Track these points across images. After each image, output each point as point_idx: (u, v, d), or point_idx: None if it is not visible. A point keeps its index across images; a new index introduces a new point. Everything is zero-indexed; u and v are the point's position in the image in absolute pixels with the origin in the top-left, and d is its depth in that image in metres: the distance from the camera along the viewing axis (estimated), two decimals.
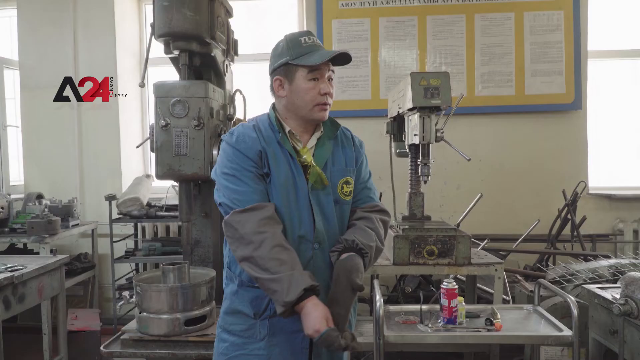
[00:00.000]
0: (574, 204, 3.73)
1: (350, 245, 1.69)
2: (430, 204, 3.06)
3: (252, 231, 1.56)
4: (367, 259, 1.68)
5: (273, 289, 1.52)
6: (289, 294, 1.49)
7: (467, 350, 2.94)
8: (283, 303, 1.50)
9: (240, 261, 1.62)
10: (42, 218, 3.76)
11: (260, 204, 1.61)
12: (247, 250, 1.57)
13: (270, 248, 1.54)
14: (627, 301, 1.83)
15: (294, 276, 1.52)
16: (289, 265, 1.53)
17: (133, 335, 2.51)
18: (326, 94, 1.71)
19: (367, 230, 1.74)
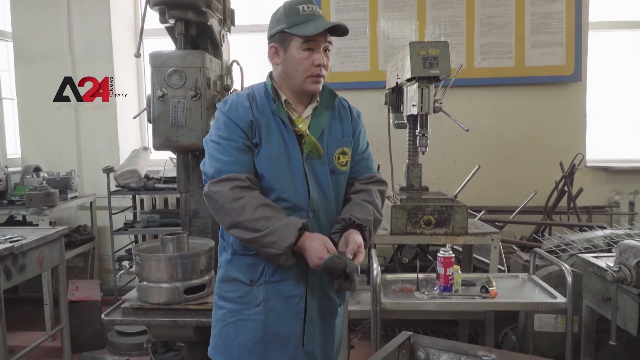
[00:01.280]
0: (571, 176, 3.74)
1: (349, 223, 1.71)
2: (428, 176, 3.07)
3: (230, 199, 1.58)
4: (367, 233, 1.70)
5: (270, 241, 1.56)
6: (286, 239, 1.54)
7: (462, 318, 2.99)
8: (283, 249, 1.55)
9: (228, 229, 1.64)
10: (41, 190, 3.77)
11: (234, 175, 1.61)
12: (232, 218, 1.59)
13: (254, 210, 1.57)
14: (621, 268, 1.85)
15: (286, 223, 1.57)
16: (276, 218, 1.58)
17: (133, 304, 2.54)
18: (320, 65, 1.69)
19: (364, 204, 1.76)
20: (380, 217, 1.80)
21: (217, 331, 1.80)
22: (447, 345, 1.67)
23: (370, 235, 1.73)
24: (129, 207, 4.38)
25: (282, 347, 1.73)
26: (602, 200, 4.32)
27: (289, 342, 1.73)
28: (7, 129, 4.88)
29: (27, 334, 3.72)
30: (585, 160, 4.20)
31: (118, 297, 2.73)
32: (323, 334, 1.79)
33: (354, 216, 1.71)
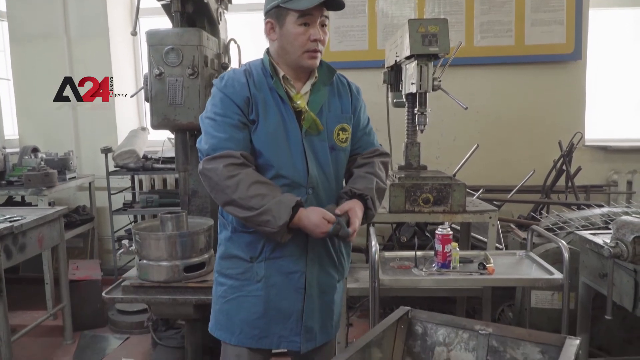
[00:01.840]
0: (569, 155, 3.74)
1: (350, 195, 1.73)
2: (426, 155, 3.07)
3: (224, 177, 1.58)
4: (370, 202, 1.71)
5: (264, 219, 1.57)
6: (280, 217, 1.55)
7: (460, 295, 3.02)
8: (278, 228, 1.56)
9: (223, 207, 1.65)
10: (39, 171, 3.76)
11: (228, 152, 1.61)
12: (226, 196, 1.60)
13: (248, 187, 1.57)
14: (618, 244, 1.86)
15: (279, 201, 1.58)
16: (270, 196, 1.58)
17: (134, 282, 2.56)
18: (316, 40, 1.67)
19: (365, 176, 1.77)
20: (384, 187, 1.81)
21: (218, 307, 1.82)
22: (445, 319, 1.69)
23: (374, 204, 1.74)
24: (128, 188, 4.38)
25: (283, 322, 1.75)
26: (600, 179, 4.32)
27: (290, 317, 1.75)
28: (3, 109, 4.85)
29: (28, 313, 3.75)
30: (584, 140, 4.19)
31: (118, 277, 2.75)
32: (322, 310, 1.81)
33: (354, 187, 1.73)
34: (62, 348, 3.32)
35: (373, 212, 1.75)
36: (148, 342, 3.33)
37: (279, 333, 1.76)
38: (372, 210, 1.74)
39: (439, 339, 1.68)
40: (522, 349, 1.54)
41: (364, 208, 1.72)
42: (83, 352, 3.23)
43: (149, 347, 3.27)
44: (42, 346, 3.34)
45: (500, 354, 1.57)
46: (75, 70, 4.53)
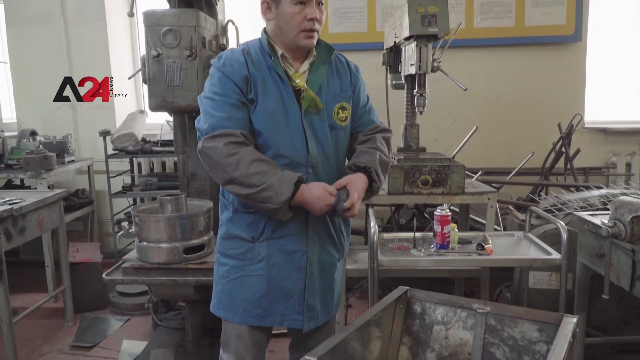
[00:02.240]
0: (569, 137, 3.74)
1: (354, 169, 1.74)
2: (425, 138, 3.06)
3: (224, 155, 1.58)
4: (374, 174, 1.72)
5: (266, 196, 1.56)
6: (283, 193, 1.55)
7: (458, 276, 3.04)
8: (280, 204, 1.56)
9: (224, 185, 1.65)
10: (37, 154, 3.76)
11: (228, 131, 1.60)
12: (227, 174, 1.59)
13: (248, 165, 1.57)
14: (616, 224, 1.87)
15: (281, 177, 1.58)
16: (271, 173, 1.58)
17: (134, 264, 2.57)
18: (313, 20, 1.65)
19: (368, 150, 1.78)
20: (387, 160, 1.81)
21: (220, 287, 1.83)
22: (443, 299, 1.71)
23: (378, 176, 1.74)
24: (127, 171, 4.38)
25: (285, 300, 1.77)
26: (599, 161, 4.33)
27: (292, 295, 1.76)
28: (1, 93, 4.82)
29: (29, 296, 3.78)
30: (583, 122, 4.19)
31: (118, 259, 2.77)
32: (323, 288, 1.82)
33: (357, 161, 1.73)
34: (63, 329, 3.35)
35: (378, 184, 1.75)
36: (149, 323, 3.36)
37: (282, 312, 1.77)
38: (377, 182, 1.74)
39: (437, 318, 1.69)
40: (520, 327, 1.56)
41: (369, 181, 1.72)
42: (84, 334, 3.26)
43: (150, 328, 3.30)
44: (44, 328, 3.36)
45: (498, 332, 1.59)
46: (73, 53, 4.50)
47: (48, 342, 3.17)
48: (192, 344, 2.88)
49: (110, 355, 3.00)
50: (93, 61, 4.49)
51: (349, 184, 1.68)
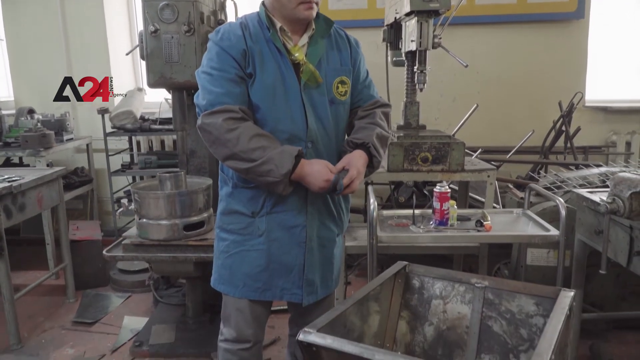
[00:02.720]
0: (569, 115, 3.72)
1: (352, 146, 1.73)
2: (425, 116, 3.05)
3: (224, 131, 1.57)
4: (372, 149, 1.71)
5: (266, 169, 1.56)
6: (283, 166, 1.55)
7: (457, 253, 3.06)
8: (281, 177, 1.56)
9: (224, 161, 1.64)
10: (36, 132, 3.74)
11: (227, 107, 1.59)
12: (227, 150, 1.59)
13: (248, 140, 1.56)
14: (615, 200, 1.87)
15: (282, 151, 1.58)
16: (272, 147, 1.58)
17: (134, 240, 2.59)
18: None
19: (366, 126, 1.77)
20: (386, 134, 1.81)
21: (220, 262, 1.84)
22: (442, 273, 1.72)
23: (377, 151, 1.74)
24: (126, 149, 4.36)
25: (285, 275, 1.78)
26: (599, 140, 4.32)
27: (291, 270, 1.77)
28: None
29: (30, 273, 3.80)
30: (584, 100, 4.17)
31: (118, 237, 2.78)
32: (322, 263, 1.83)
33: (355, 138, 1.73)
34: (65, 306, 3.38)
35: (378, 158, 1.75)
36: (149, 300, 3.38)
37: (282, 286, 1.79)
38: (377, 157, 1.74)
39: (435, 293, 1.71)
40: (517, 301, 1.57)
41: (369, 156, 1.72)
42: (86, 310, 3.29)
43: (151, 305, 3.33)
44: (45, 304, 3.39)
45: (495, 306, 1.60)
46: (69, 30, 4.45)
47: (50, 319, 3.20)
48: (193, 319, 2.91)
49: (112, 331, 3.03)
50: (90, 38, 4.45)
51: (349, 163, 1.67)
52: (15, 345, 2.84)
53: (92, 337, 2.97)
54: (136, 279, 3.59)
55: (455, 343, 1.66)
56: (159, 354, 2.70)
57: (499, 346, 1.58)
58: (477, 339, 1.61)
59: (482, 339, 1.61)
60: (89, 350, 2.82)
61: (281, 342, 2.86)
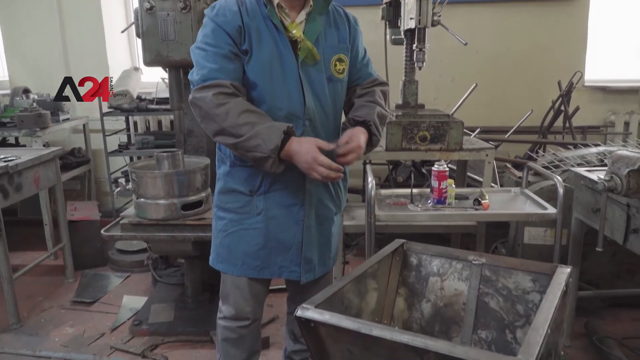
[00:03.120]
0: (568, 94, 3.71)
1: (352, 124, 1.73)
2: (424, 96, 3.03)
3: (213, 105, 1.55)
4: (372, 127, 1.71)
5: (254, 144, 1.53)
6: (271, 140, 1.52)
7: (454, 232, 3.07)
8: (269, 152, 1.53)
9: (213, 137, 1.62)
10: (31, 112, 3.71)
11: (218, 82, 1.57)
12: (216, 124, 1.57)
13: (237, 115, 1.54)
14: (612, 177, 1.87)
15: (271, 126, 1.55)
16: (261, 123, 1.55)
17: (132, 220, 2.58)
18: None
19: (366, 104, 1.77)
20: (385, 113, 1.81)
21: (218, 241, 1.84)
22: (439, 251, 1.73)
23: (377, 129, 1.74)
24: (123, 130, 4.34)
25: (283, 253, 1.78)
26: (597, 120, 4.31)
27: (289, 248, 1.78)
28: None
29: (29, 254, 3.80)
30: (583, 80, 4.15)
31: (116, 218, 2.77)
32: (320, 241, 1.83)
33: (356, 116, 1.73)
34: (64, 286, 3.39)
35: (378, 137, 1.75)
36: (148, 280, 3.40)
37: (280, 264, 1.79)
38: (376, 135, 1.73)
39: (433, 270, 1.72)
40: (514, 278, 1.58)
41: (369, 134, 1.72)
42: (85, 290, 3.30)
43: (149, 284, 3.35)
44: (44, 284, 3.40)
45: (492, 283, 1.61)
46: (64, 8, 4.39)
47: (49, 298, 3.21)
48: (192, 299, 2.93)
49: (111, 310, 3.05)
50: (85, 16, 4.39)
51: (351, 137, 1.65)
52: (15, 324, 2.86)
53: (91, 316, 2.99)
54: (135, 259, 3.60)
55: (452, 319, 1.67)
56: (159, 332, 2.72)
57: (495, 322, 1.59)
58: (473, 315, 1.63)
59: (479, 315, 1.62)
60: (88, 329, 2.84)
61: (280, 320, 2.88)
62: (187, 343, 2.67)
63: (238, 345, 1.92)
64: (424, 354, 1.11)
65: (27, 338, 2.76)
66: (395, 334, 1.14)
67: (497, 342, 1.58)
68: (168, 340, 2.68)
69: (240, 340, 1.91)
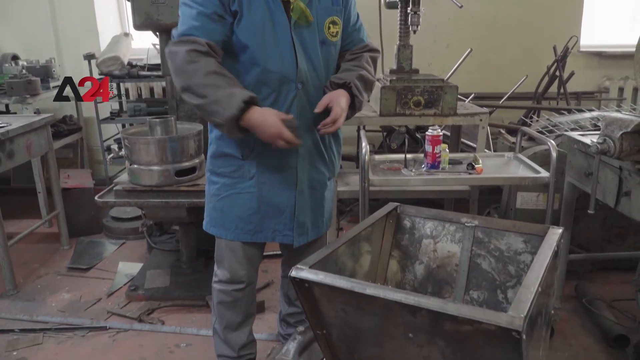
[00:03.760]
0: (563, 59, 3.68)
1: (334, 86, 1.72)
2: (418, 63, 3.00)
3: (185, 61, 1.54)
4: (354, 89, 1.69)
5: (213, 109, 1.53)
6: (229, 109, 1.51)
7: (448, 197, 3.09)
8: (225, 120, 1.53)
9: (181, 93, 1.62)
10: (21, 78, 3.65)
11: (194, 38, 1.56)
12: (183, 81, 1.56)
13: (204, 76, 1.53)
14: (605, 140, 1.87)
15: (232, 94, 1.53)
16: (224, 88, 1.54)
17: (126, 186, 2.58)
18: None
19: (350, 68, 1.76)
20: (371, 78, 1.79)
21: (212, 205, 1.84)
22: (433, 213, 1.73)
23: (359, 91, 1.71)
24: (114, 97, 4.28)
25: (276, 216, 1.79)
26: (592, 86, 4.30)
27: (282, 212, 1.79)
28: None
29: (23, 222, 3.79)
30: (578, 45, 4.12)
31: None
32: (313, 205, 1.84)
33: (337, 77, 1.71)
34: (60, 253, 3.41)
35: (360, 99, 1.73)
36: (143, 247, 3.42)
37: (273, 227, 1.80)
38: (358, 97, 1.71)
39: (426, 232, 1.73)
40: (506, 239, 1.59)
41: (351, 96, 1.70)
42: (80, 256, 3.32)
43: (145, 251, 3.36)
44: (40, 252, 3.42)
45: (484, 245, 1.63)
46: None
47: (45, 265, 3.23)
48: (187, 264, 2.95)
49: (107, 276, 3.07)
50: None
51: (332, 101, 1.66)
52: (12, 290, 2.88)
53: (87, 282, 3.01)
54: (129, 226, 3.61)
55: (444, 280, 1.69)
56: (155, 297, 2.75)
57: (487, 283, 1.62)
58: (466, 277, 1.65)
59: (471, 276, 1.64)
60: (85, 295, 2.86)
61: (274, 285, 2.92)
62: (183, 307, 2.70)
63: (233, 308, 1.95)
64: (417, 312, 1.13)
65: (24, 304, 2.78)
66: (388, 292, 1.15)
67: (489, 302, 1.61)
68: (164, 304, 2.71)
69: (236, 303, 1.94)
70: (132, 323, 2.58)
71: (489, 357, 1.11)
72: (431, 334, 1.15)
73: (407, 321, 1.16)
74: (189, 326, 2.54)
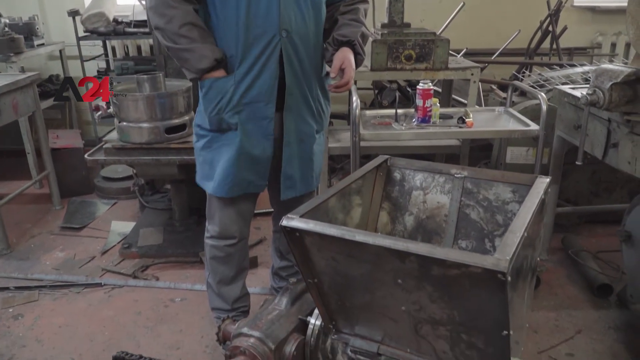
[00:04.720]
0: (557, 14, 3.63)
1: (338, 44, 1.73)
2: (410, 18, 2.95)
3: (164, 4, 1.59)
4: (357, 47, 1.74)
5: (186, 57, 1.63)
6: (201, 62, 1.61)
7: (438, 152, 3.10)
8: (195, 70, 1.64)
9: (154, 29, 1.66)
10: (4, 36, 3.56)
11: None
12: (159, 22, 1.62)
13: (180, 25, 1.59)
14: (595, 91, 1.87)
15: (206, 48, 1.62)
16: (199, 41, 1.61)
17: (115, 144, 2.56)
18: None
19: (350, 23, 1.76)
20: (368, 33, 1.83)
21: (201, 159, 1.84)
22: (422, 165, 1.74)
23: (362, 49, 1.77)
24: (101, 55, 4.20)
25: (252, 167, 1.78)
26: (585, 42, 4.26)
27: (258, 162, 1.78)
28: None
29: (14, 183, 3.77)
30: None
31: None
32: (301, 158, 1.84)
33: (340, 34, 1.73)
34: (52, 213, 3.41)
35: (362, 56, 1.77)
36: (135, 206, 3.42)
37: (248, 178, 1.80)
38: (360, 55, 1.76)
39: (416, 184, 1.74)
40: (495, 190, 1.61)
41: (353, 54, 1.73)
42: (72, 216, 3.32)
43: (137, 210, 3.37)
44: (32, 212, 3.42)
45: (473, 195, 1.65)
46: None
47: (37, 225, 3.24)
48: (180, 222, 2.97)
49: (100, 235, 3.09)
50: None
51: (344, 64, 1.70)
52: (5, 250, 2.89)
53: (81, 241, 3.03)
54: (120, 186, 3.60)
55: (434, 231, 1.72)
56: (148, 255, 2.78)
57: (475, 232, 1.65)
58: (454, 227, 1.67)
59: (460, 226, 1.67)
60: (79, 253, 2.89)
61: (267, 242, 2.95)
62: (176, 264, 2.74)
63: (226, 262, 1.97)
64: (406, 257, 1.15)
65: (18, 263, 2.80)
66: (377, 238, 1.17)
67: (477, 250, 1.64)
68: (158, 261, 2.74)
69: (228, 258, 1.96)
70: (127, 279, 2.61)
71: (475, 300, 1.14)
72: (419, 279, 1.18)
73: (396, 267, 1.19)
74: (183, 282, 2.58)
